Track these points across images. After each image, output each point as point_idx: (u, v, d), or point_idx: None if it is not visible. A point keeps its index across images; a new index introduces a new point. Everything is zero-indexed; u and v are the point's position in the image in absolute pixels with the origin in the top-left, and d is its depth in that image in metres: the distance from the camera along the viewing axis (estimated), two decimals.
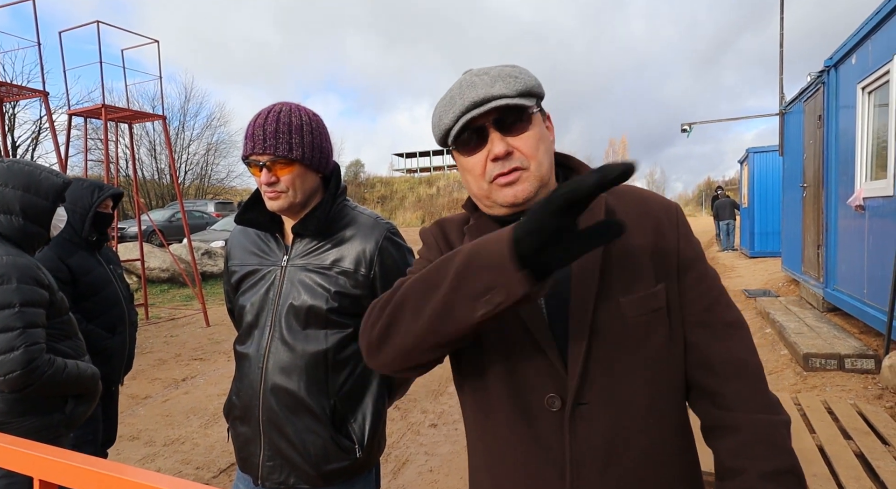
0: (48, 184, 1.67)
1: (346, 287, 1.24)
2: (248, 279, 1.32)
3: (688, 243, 0.84)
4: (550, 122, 0.89)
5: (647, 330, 0.79)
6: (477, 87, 0.80)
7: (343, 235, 1.27)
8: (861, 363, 3.92)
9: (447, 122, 0.83)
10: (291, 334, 1.23)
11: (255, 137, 1.18)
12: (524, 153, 0.81)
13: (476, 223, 0.89)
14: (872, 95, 4.46)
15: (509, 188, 0.81)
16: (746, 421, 0.77)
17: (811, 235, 6.04)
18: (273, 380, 1.23)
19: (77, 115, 7.19)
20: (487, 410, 0.85)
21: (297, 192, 1.22)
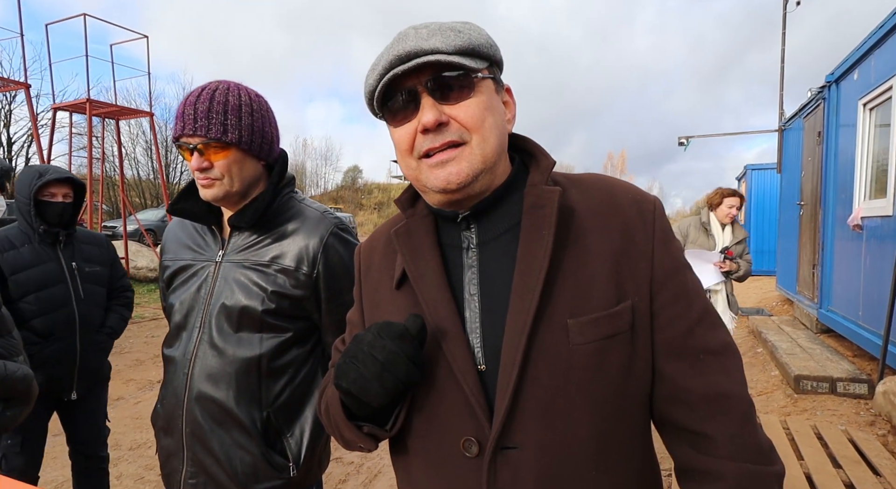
0: None
1: (285, 286, 1.11)
2: (180, 275, 1.21)
3: (665, 250, 0.68)
4: (511, 95, 0.74)
5: (601, 358, 0.64)
6: (408, 39, 0.65)
7: (285, 230, 1.15)
8: (854, 387, 3.78)
9: (371, 81, 0.68)
10: (222, 337, 1.11)
11: (185, 117, 1.05)
12: (463, 123, 0.65)
13: (407, 224, 0.75)
14: (874, 112, 4.38)
15: (440, 169, 0.66)
16: (731, 469, 0.63)
17: (807, 254, 5.93)
18: (198, 387, 1.11)
19: (62, 110, 7.05)
20: (405, 452, 0.73)
21: (234, 180, 1.10)
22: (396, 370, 0.62)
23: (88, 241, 2.23)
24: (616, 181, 0.74)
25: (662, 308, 0.67)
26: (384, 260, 0.79)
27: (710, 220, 3.79)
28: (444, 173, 0.66)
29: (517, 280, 0.65)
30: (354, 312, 0.85)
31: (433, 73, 0.65)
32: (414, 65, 0.64)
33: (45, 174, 2.01)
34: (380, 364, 0.62)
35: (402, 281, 0.73)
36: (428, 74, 0.65)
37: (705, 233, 3.78)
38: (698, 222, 3.82)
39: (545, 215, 0.67)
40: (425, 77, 0.65)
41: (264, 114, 1.14)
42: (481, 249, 0.70)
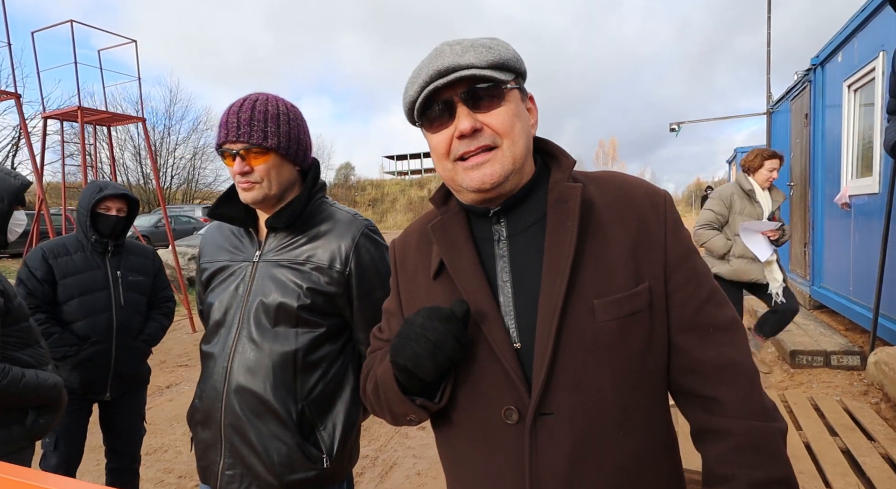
0: (4, 185, 1.59)
1: (319, 283, 1.18)
2: (218, 276, 1.27)
3: (676, 238, 0.76)
4: (533, 102, 0.82)
5: (623, 334, 0.72)
6: (445, 55, 0.73)
7: (318, 231, 1.22)
8: (847, 360, 3.92)
9: (412, 93, 0.76)
10: (260, 332, 1.17)
11: (228, 125, 1.13)
12: (495, 130, 0.74)
13: (442, 220, 0.83)
14: (858, 93, 4.48)
15: (476, 171, 0.74)
16: (738, 426, 0.71)
17: (798, 234, 6.07)
18: (237, 380, 1.17)
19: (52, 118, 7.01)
20: (450, 425, 0.81)
21: (273, 184, 1.17)
22: (446, 348, 0.71)
23: (136, 253, 2.36)
24: (629, 177, 0.82)
25: (676, 289, 0.75)
26: (418, 253, 0.88)
27: (753, 186, 3.47)
28: (479, 174, 0.74)
29: (546, 266, 0.73)
30: (392, 302, 0.93)
31: (468, 85, 0.73)
32: (452, 78, 0.72)
33: (104, 189, 2.16)
34: (432, 343, 0.70)
35: (440, 271, 0.82)
36: (463, 87, 0.73)
37: (750, 201, 3.49)
38: (740, 190, 3.52)
39: (569, 209, 0.75)
40: (461, 89, 0.74)
41: (300, 123, 1.21)
42: (511, 241, 0.79)
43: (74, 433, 2.15)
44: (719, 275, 3.53)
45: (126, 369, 2.23)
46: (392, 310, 0.92)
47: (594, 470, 0.71)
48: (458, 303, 0.73)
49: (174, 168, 26.95)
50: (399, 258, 0.92)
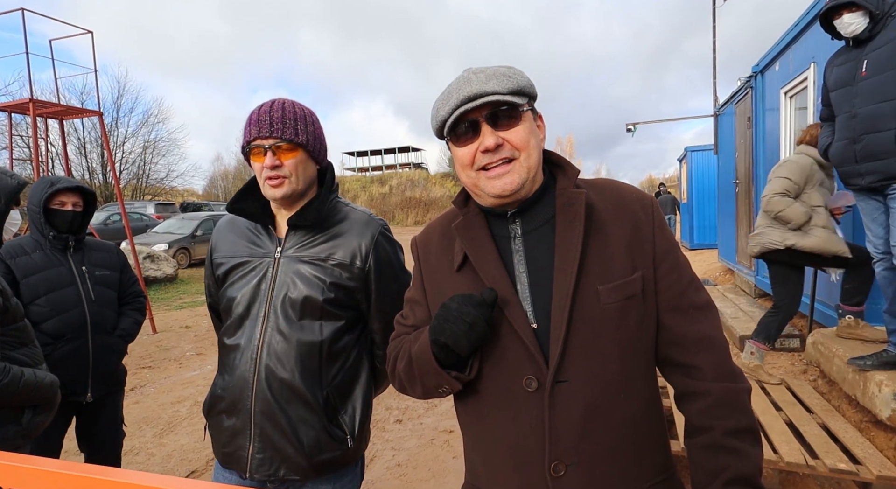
0: (1, 186, 1.58)
1: (341, 278, 1.26)
2: (237, 271, 1.31)
3: (662, 234, 0.91)
4: (542, 121, 0.96)
5: (623, 314, 0.86)
6: (472, 83, 0.87)
7: (338, 230, 1.30)
8: (789, 342, 4.31)
9: (443, 114, 0.89)
10: (288, 324, 1.24)
11: (260, 122, 1.19)
12: (514, 144, 0.88)
13: (464, 220, 0.96)
14: (794, 99, 4.90)
15: (497, 180, 0.88)
16: (714, 388, 0.86)
17: (744, 227, 6.53)
18: (267, 369, 1.23)
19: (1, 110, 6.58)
20: (476, 394, 0.92)
21: (300, 179, 1.24)
22: (479, 329, 0.84)
23: (98, 248, 2.28)
24: (622, 184, 0.98)
25: (663, 277, 0.91)
26: (441, 248, 1.00)
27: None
28: (500, 183, 0.88)
29: (558, 259, 0.87)
30: (416, 292, 1.04)
31: (491, 108, 0.87)
32: (480, 103, 0.86)
33: (56, 183, 2.06)
34: (467, 324, 0.83)
35: (463, 264, 0.94)
36: (487, 109, 0.87)
37: (827, 174, 3.32)
38: (817, 163, 3.26)
39: (576, 210, 0.89)
40: (485, 111, 0.88)
41: (320, 126, 1.30)
42: (525, 238, 0.93)
43: (50, 438, 2.07)
44: (795, 248, 3.26)
45: (105, 367, 2.17)
46: (417, 299, 1.03)
47: (602, 427, 0.85)
48: (488, 291, 0.86)
49: (122, 162, 25.60)
50: (422, 253, 1.04)
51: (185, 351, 6.14)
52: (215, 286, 1.39)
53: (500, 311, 0.87)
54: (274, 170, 1.20)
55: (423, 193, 38.76)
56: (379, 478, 3.05)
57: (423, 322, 1.00)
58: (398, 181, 41.89)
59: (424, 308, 1.01)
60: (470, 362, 0.90)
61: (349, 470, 1.32)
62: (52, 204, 2.08)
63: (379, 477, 3.08)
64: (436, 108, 0.92)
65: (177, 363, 5.68)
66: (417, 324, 1.02)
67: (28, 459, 0.74)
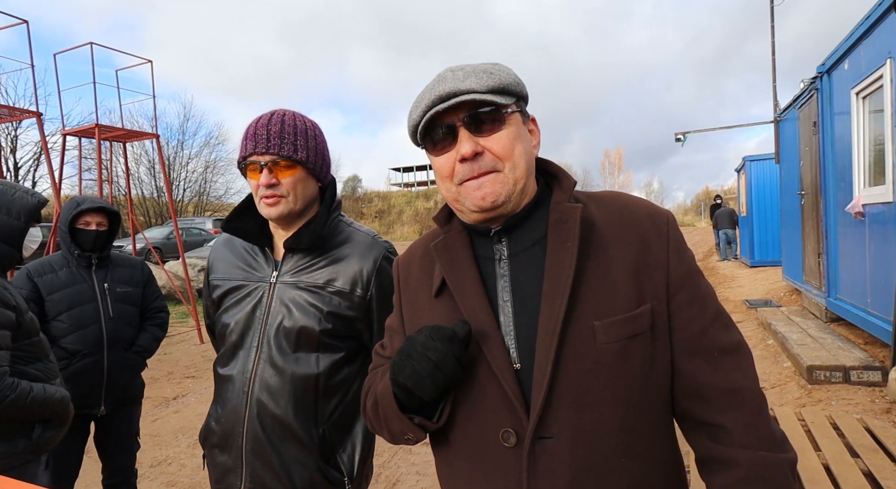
0: (21, 203, 1.62)
1: (340, 308, 1.16)
2: (232, 295, 1.24)
3: (679, 257, 0.75)
4: (535, 124, 0.83)
5: (624, 356, 0.70)
6: (447, 81, 0.75)
7: (338, 253, 1.20)
8: (867, 375, 3.81)
9: (415, 117, 0.78)
10: (281, 356, 1.15)
11: (256, 137, 1.11)
12: (496, 154, 0.75)
13: (445, 239, 0.83)
14: (867, 101, 4.43)
15: (477, 192, 0.75)
16: (745, 457, 0.68)
17: (811, 244, 5.97)
18: (259, 404, 1.15)
19: (71, 135, 7.22)
20: (448, 445, 0.79)
21: (298, 199, 1.15)
22: (446, 368, 0.70)
23: (123, 264, 2.36)
24: (631, 197, 0.82)
25: (678, 310, 0.73)
26: (421, 271, 0.87)
27: None
28: (480, 193, 0.75)
29: (546, 286, 0.72)
30: (394, 319, 0.92)
31: (469, 109, 0.74)
32: (452, 103, 0.73)
33: (81, 204, 2.17)
34: (432, 363, 0.69)
35: (441, 289, 0.81)
36: (464, 111, 0.74)
37: None
38: None
39: (569, 229, 0.74)
40: (462, 113, 0.74)
41: (323, 139, 1.21)
42: (512, 260, 0.78)
43: (68, 451, 2.12)
44: None
45: (120, 381, 2.22)
46: (395, 328, 0.91)
47: None
48: (460, 324, 0.72)
49: (186, 181, 27.40)
50: (402, 275, 0.92)
51: None
52: (213, 308, 1.33)
53: (478, 347, 0.73)
54: (270, 188, 1.12)
55: None
56: None
57: None
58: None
59: (402, 337, 0.89)
60: (440, 407, 0.76)
61: None
62: (77, 223, 2.18)
63: None
64: (410, 111, 0.80)
65: None
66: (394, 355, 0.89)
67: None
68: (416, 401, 0.75)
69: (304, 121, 1.17)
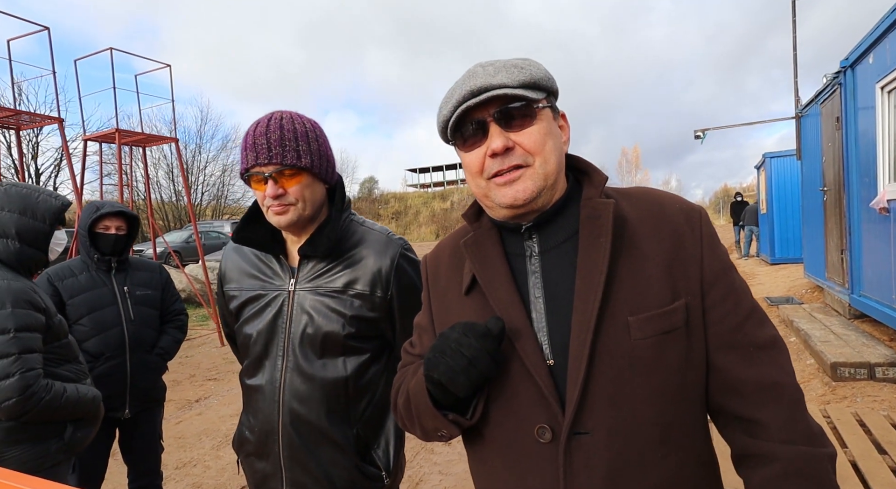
0: (45, 206, 1.65)
1: (362, 310, 1.16)
2: (251, 305, 1.23)
3: (713, 253, 0.75)
4: (566, 120, 0.83)
5: (659, 351, 0.71)
6: (478, 76, 0.75)
7: (354, 255, 1.18)
8: (893, 372, 3.73)
9: (445, 113, 0.78)
10: (308, 363, 1.16)
11: (257, 147, 1.07)
12: (527, 149, 0.75)
13: (475, 236, 0.84)
14: (892, 95, 4.33)
15: (508, 187, 0.75)
16: (784, 451, 0.68)
17: (834, 240, 5.84)
18: (291, 411, 1.16)
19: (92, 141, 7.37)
20: (482, 442, 0.80)
21: (307, 205, 1.13)
22: (480, 365, 0.70)
23: (142, 268, 2.38)
24: (663, 193, 0.82)
25: (713, 305, 0.73)
26: (450, 269, 0.88)
27: None
28: (511, 191, 0.75)
29: (579, 283, 0.73)
30: (423, 317, 0.93)
31: (500, 105, 0.74)
32: (484, 98, 0.73)
33: (100, 208, 2.19)
34: (467, 359, 0.70)
35: (472, 287, 0.82)
36: (495, 106, 0.75)
37: None
38: None
39: (602, 224, 0.74)
40: (493, 108, 0.75)
41: (325, 139, 1.18)
42: (543, 257, 0.78)
43: (94, 454, 2.14)
44: None
45: (143, 383, 2.24)
46: (424, 326, 0.92)
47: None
48: (494, 320, 0.73)
49: (204, 185, 27.81)
50: (431, 273, 0.93)
51: None
52: (231, 317, 1.33)
53: (511, 344, 0.74)
54: (277, 199, 1.09)
55: None
56: None
57: None
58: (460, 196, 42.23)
59: (431, 335, 0.90)
60: (473, 403, 0.77)
61: None
62: (97, 228, 2.20)
63: None
64: (439, 107, 0.80)
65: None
66: (424, 353, 0.90)
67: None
68: (449, 398, 0.75)
69: (304, 122, 1.14)
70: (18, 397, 1.44)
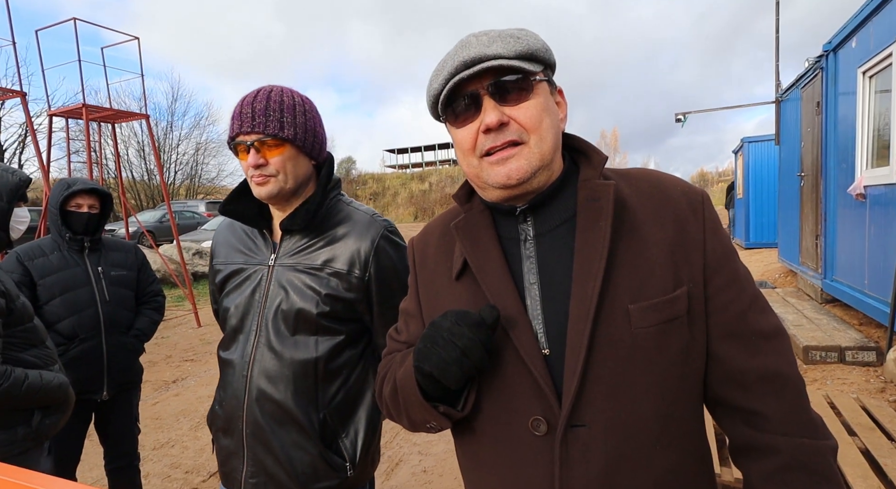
0: (2, 183, 1.55)
1: (338, 289, 1.14)
2: (233, 279, 1.23)
3: (716, 238, 0.72)
4: (563, 96, 0.78)
5: (661, 341, 0.67)
6: (471, 46, 0.69)
7: (336, 233, 1.17)
8: (862, 355, 3.85)
9: (436, 86, 0.72)
10: (279, 340, 1.14)
11: (242, 116, 1.08)
12: (522, 125, 0.69)
13: (465, 218, 0.79)
14: (874, 80, 4.37)
15: (501, 166, 0.70)
16: (786, 444, 0.66)
17: (809, 225, 5.97)
18: (258, 389, 1.14)
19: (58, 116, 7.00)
20: (473, 434, 0.76)
21: (288, 177, 1.12)
22: (473, 356, 0.66)
23: (116, 248, 2.30)
24: (664, 174, 0.77)
25: (716, 293, 0.70)
26: (439, 252, 0.83)
27: None
28: (504, 169, 0.70)
29: (577, 268, 0.68)
30: (410, 302, 0.88)
31: (494, 77, 0.69)
32: (478, 69, 0.67)
33: (72, 186, 2.08)
34: (459, 350, 0.66)
35: (463, 272, 0.77)
36: (489, 78, 0.69)
37: None
38: None
39: (601, 207, 0.70)
40: (487, 81, 0.69)
41: (315, 116, 1.17)
42: (538, 241, 0.74)
43: (70, 437, 2.10)
44: None
45: (120, 365, 2.19)
46: (411, 312, 0.88)
47: (629, 485, 0.66)
48: (488, 309, 0.68)
49: (177, 163, 26.98)
50: (418, 257, 0.88)
51: None
52: (217, 292, 1.30)
53: (505, 333, 0.70)
54: (259, 169, 1.09)
55: None
56: (403, 484, 2.95)
57: (417, 338, 0.84)
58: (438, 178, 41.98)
59: (419, 321, 0.85)
60: (465, 394, 0.73)
61: None
62: (68, 206, 2.10)
63: (404, 482, 2.97)
64: (430, 80, 0.74)
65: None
66: (411, 340, 0.86)
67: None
68: (440, 390, 0.72)
69: (293, 96, 1.13)
70: None
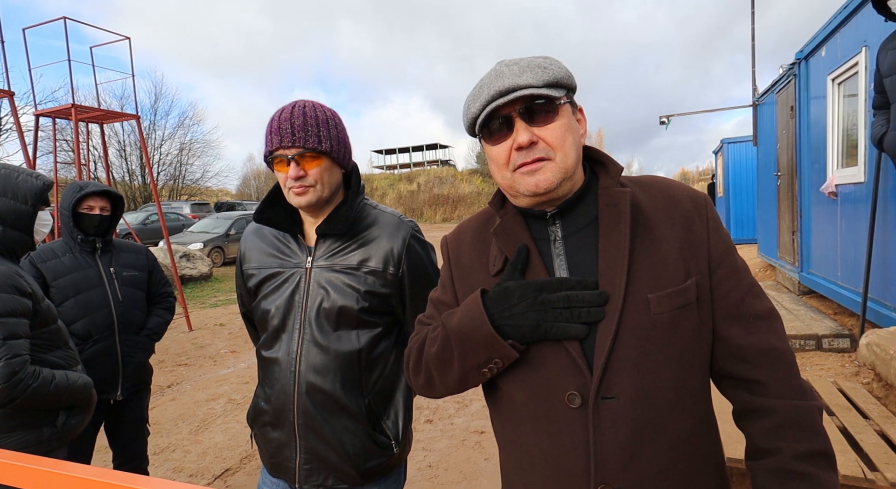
0: (26, 186, 1.58)
1: (375, 286, 1.24)
2: (270, 282, 1.30)
3: (718, 236, 0.84)
4: (583, 114, 0.90)
5: (675, 325, 0.79)
6: (504, 76, 0.81)
7: (368, 235, 1.27)
8: (838, 342, 4.08)
9: (474, 110, 0.84)
10: (323, 336, 1.23)
11: (281, 131, 1.15)
12: (549, 143, 0.81)
13: (502, 223, 0.90)
14: (842, 86, 4.61)
15: (531, 177, 0.82)
16: (780, 405, 0.79)
17: (786, 222, 6.23)
18: (308, 382, 1.22)
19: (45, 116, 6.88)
20: (513, 410, 0.87)
21: (325, 187, 1.21)
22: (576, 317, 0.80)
23: (127, 250, 2.34)
24: (671, 181, 0.90)
25: (719, 283, 0.83)
26: (475, 250, 0.95)
27: None
28: (534, 180, 0.82)
29: (603, 265, 0.81)
30: (445, 294, 0.98)
31: (525, 102, 0.81)
32: (512, 98, 0.80)
33: (84, 188, 2.12)
34: (570, 312, 0.79)
35: (503, 269, 0.89)
36: (521, 103, 0.81)
37: None
38: None
39: (620, 212, 0.82)
40: (518, 105, 0.81)
41: (343, 127, 1.27)
42: (566, 241, 0.86)
43: (82, 438, 2.09)
44: None
45: (134, 365, 2.23)
46: (447, 302, 0.97)
47: (652, 447, 0.78)
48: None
49: (160, 164, 26.51)
50: (453, 254, 0.99)
51: (220, 348, 6.28)
52: (248, 296, 1.38)
53: None
54: (299, 180, 1.18)
55: (451, 190, 38.66)
56: (410, 480, 3.03)
57: None
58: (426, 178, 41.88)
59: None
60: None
61: (394, 473, 1.31)
62: (80, 208, 2.14)
63: (410, 478, 3.05)
64: (467, 104, 0.86)
65: (211, 360, 5.82)
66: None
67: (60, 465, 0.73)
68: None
69: (325, 111, 1.22)
70: (4, 384, 1.41)
